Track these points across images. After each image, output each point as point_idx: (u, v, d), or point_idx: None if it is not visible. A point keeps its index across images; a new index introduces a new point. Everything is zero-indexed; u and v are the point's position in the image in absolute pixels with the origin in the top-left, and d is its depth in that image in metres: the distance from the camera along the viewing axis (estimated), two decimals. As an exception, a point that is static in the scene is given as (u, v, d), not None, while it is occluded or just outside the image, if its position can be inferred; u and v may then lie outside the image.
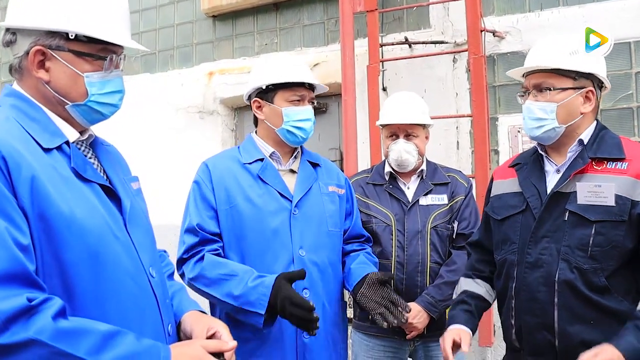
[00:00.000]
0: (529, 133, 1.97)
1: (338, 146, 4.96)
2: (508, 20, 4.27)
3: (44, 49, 1.37)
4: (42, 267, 1.25)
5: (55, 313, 1.18)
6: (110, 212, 1.40)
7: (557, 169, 1.96)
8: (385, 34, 4.64)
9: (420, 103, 2.85)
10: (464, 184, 2.85)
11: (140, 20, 5.82)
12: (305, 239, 2.16)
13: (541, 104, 1.90)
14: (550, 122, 1.89)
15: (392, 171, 2.84)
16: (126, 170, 1.67)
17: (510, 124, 4.22)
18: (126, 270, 1.39)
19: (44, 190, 1.26)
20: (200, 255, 2.11)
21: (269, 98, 2.24)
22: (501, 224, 2.04)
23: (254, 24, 5.32)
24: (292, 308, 1.91)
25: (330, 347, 2.20)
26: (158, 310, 1.47)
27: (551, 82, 1.89)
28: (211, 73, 5.43)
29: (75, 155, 1.39)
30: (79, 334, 1.20)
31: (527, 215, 1.95)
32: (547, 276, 1.86)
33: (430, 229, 2.71)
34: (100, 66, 1.42)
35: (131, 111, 5.41)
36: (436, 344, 2.70)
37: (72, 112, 1.43)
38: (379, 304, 2.12)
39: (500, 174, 2.17)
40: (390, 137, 2.80)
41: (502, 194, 2.10)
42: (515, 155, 2.22)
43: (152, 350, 1.30)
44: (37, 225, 1.24)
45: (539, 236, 1.90)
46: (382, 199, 2.79)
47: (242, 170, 2.22)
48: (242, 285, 2.01)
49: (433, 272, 2.70)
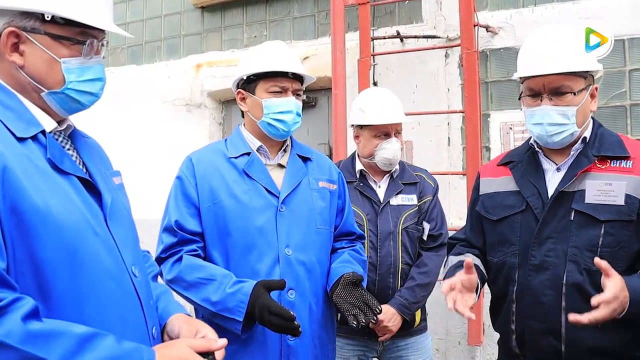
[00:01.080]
0: (546, 140, 1.86)
1: (327, 141, 4.90)
2: (501, 15, 4.23)
3: (18, 30, 1.28)
4: (14, 265, 1.17)
5: (25, 314, 1.09)
6: (89, 207, 1.32)
7: (557, 168, 1.90)
8: (377, 27, 4.59)
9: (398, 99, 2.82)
10: (431, 183, 2.84)
11: (127, 11, 5.74)
12: (292, 237, 2.08)
13: (561, 108, 1.80)
14: (571, 126, 1.81)
15: (363, 169, 2.79)
16: (107, 164, 1.59)
17: (502, 121, 4.19)
18: (107, 269, 1.31)
19: (16, 182, 1.18)
20: (179, 256, 2.04)
21: (251, 89, 2.16)
22: (497, 224, 1.97)
23: (243, 15, 5.26)
24: (270, 317, 1.85)
25: (317, 348, 2.12)
26: (142, 312, 1.39)
27: (569, 84, 1.79)
28: (199, 65, 5.36)
29: (51, 146, 1.30)
30: (52, 337, 1.11)
31: (528, 216, 1.88)
32: (554, 279, 1.79)
33: (402, 229, 2.69)
34: (78, 51, 1.34)
35: (117, 103, 5.39)
36: (405, 343, 2.75)
37: (49, 101, 1.35)
38: (353, 305, 2.05)
39: (490, 172, 2.10)
40: (379, 136, 2.73)
41: (494, 193, 2.02)
42: (504, 154, 2.15)
43: (134, 354, 1.21)
44: (9, 219, 1.16)
45: (543, 237, 1.82)
46: (352, 198, 2.70)
47: (228, 165, 2.14)
48: (220, 291, 1.94)
49: (404, 273, 2.69)
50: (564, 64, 1.78)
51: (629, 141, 1.87)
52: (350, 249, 2.32)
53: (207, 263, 2.06)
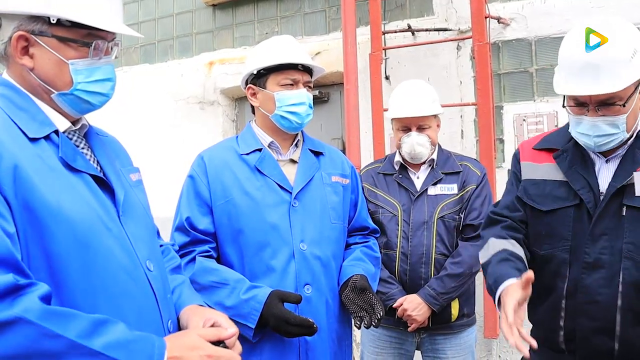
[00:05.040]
0: (595, 149, 1.77)
1: (340, 136, 4.90)
2: (513, 6, 4.19)
3: (27, 34, 1.31)
4: (28, 259, 1.20)
5: (42, 295, 1.13)
6: (102, 204, 1.34)
7: (606, 160, 1.81)
8: (388, 21, 4.57)
9: (430, 91, 2.78)
10: (477, 172, 2.75)
11: (139, 10, 5.76)
12: (306, 232, 2.08)
13: (610, 118, 1.69)
14: (621, 134, 1.72)
15: (402, 161, 2.79)
16: (126, 161, 1.61)
17: (515, 113, 4.16)
18: (119, 264, 1.33)
19: (28, 180, 1.21)
20: (192, 257, 2.05)
21: (262, 83, 2.16)
22: (546, 215, 1.86)
23: (255, 12, 5.26)
24: (289, 328, 1.88)
25: (335, 344, 2.13)
26: (157, 306, 1.41)
27: (620, 95, 1.66)
28: (211, 63, 5.37)
29: (64, 145, 1.33)
30: (69, 317, 1.15)
31: (581, 210, 1.79)
32: (609, 277, 1.71)
33: (437, 219, 2.65)
34: (86, 52, 1.35)
35: (130, 102, 5.43)
36: (442, 337, 2.70)
37: (59, 102, 1.37)
38: (360, 308, 2.06)
39: (531, 156, 1.96)
40: (402, 129, 2.74)
41: (540, 181, 1.90)
42: (539, 136, 2.02)
43: (146, 339, 1.24)
44: (22, 216, 1.19)
45: (597, 234, 1.74)
46: (390, 189, 2.75)
47: (240, 162, 2.14)
48: (234, 297, 1.95)
49: (438, 263, 2.64)
50: (614, 83, 1.65)
51: None
52: (363, 245, 2.31)
53: (220, 266, 2.06)
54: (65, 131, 1.39)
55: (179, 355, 1.26)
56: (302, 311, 2.00)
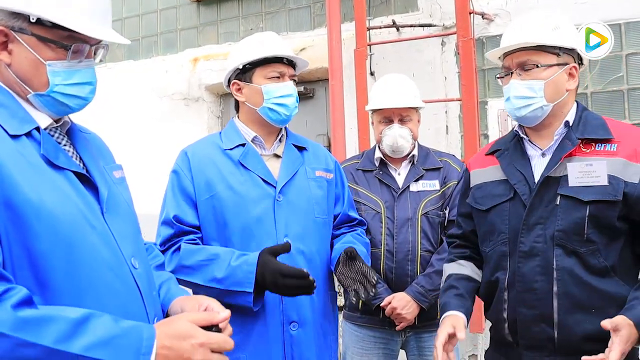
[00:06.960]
0: (515, 113, 1.87)
1: (326, 132, 4.90)
2: (497, 2, 4.21)
3: (7, 30, 1.29)
4: (11, 259, 1.18)
5: (16, 302, 1.11)
6: (85, 201, 1.33)
7: (542, 153, 1.89)
8: (373, 17, 4.57)
9: (412, 85, 2.77)
10: (457, 168, 2.76)
11: (122, 6, 5.72)
12: (290, 226, 2.09)
13: (527, 82, 1.82)
14: (538, 100, 1.82)
15: (383, 157, 2.77)
16: (109, 158, 1.59)
17: (500, 108, 4.17)
18: (104, 261, 1.31)
19: (9, 178, 1.19)
20: (177, 247, 2.06)
21: (248, 78, 2.17)
22: (487, 214, 1.94)
23: (239, 8, 5.24)
24: (285, 280, 1.87)
25: (320, 338, 2.13)
26: (142, 303, 1.40)
27: (536, 59, 1.82)
28: (196, 59, 5.36)
29: (45, 142, 1.31)
30: (44, 323, 1.12)
31: (516, 203, 1.86)
32: (544, 264, 1.78)
33: (421, 216, 2.64)
34: (65, 54, 1.33)
35: (114, 99, 5.39)
36: (428, 334, 2.67)
37: (35, 102, 1.34)
38: (354, 280, 2.06)
39: (478, 163, 2.07)
40: (383, 122, 2.72)
41: (483, 184, 2.00)
42: (491, 143, 2.13)
43: (133, 332, 1.21)
44: (3, 214, 1.17)
45: (531, 223, 1.81)
46: (371, 186, 2.72)
47: (223, 157, 2.15)
48: (225, 267, 1.96)
49: (424, 260, 2.63)
50: (526, 37, 1.82)
51: (613, 123, 1.85)
52: (352, 232, 2.33)
53: (204, 245, 2.07)
54: (47, 128, 1.37)
55: (169, 345, 1.23)
56: (287, 305, 2.02)
